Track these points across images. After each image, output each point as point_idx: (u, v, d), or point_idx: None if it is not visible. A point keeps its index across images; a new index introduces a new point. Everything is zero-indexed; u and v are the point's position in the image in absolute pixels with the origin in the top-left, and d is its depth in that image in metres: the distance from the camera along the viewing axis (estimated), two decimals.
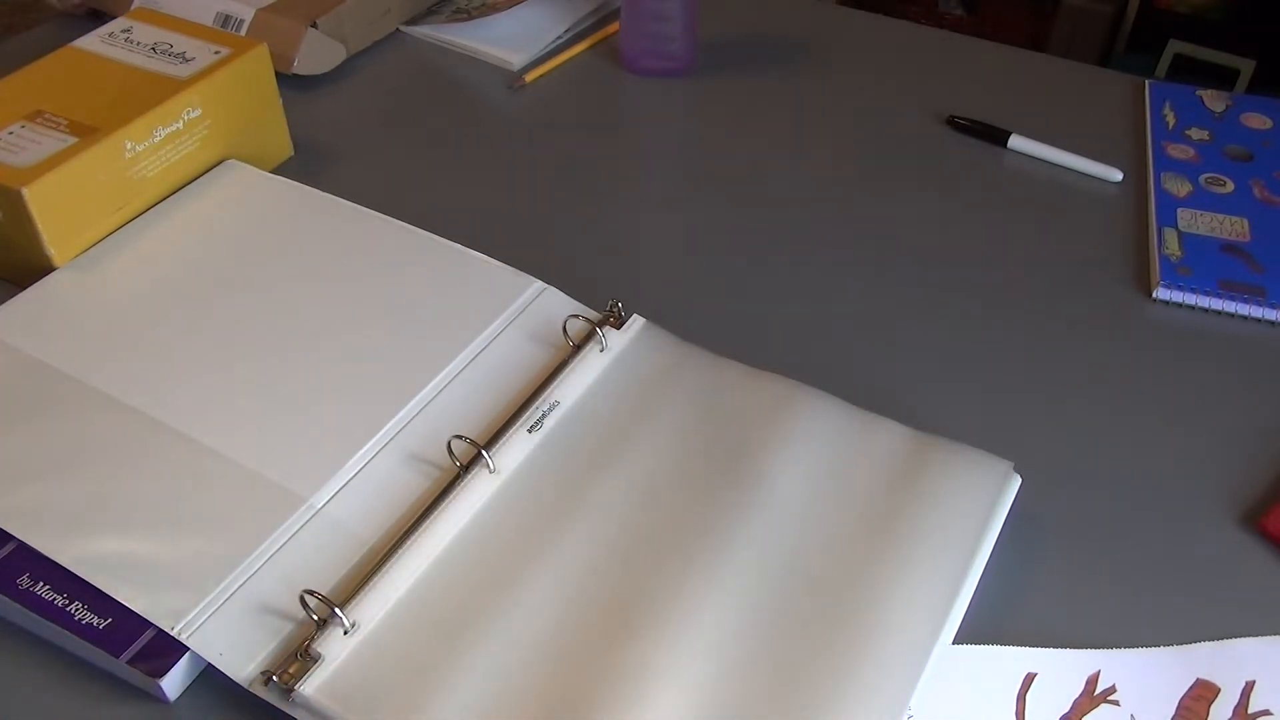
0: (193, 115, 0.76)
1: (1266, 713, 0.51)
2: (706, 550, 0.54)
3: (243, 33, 0.90)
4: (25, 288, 0.69)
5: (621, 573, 0.54)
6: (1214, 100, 0.92)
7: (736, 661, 0.51)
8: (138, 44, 0.79)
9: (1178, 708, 0.52)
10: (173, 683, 0.51)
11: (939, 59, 1.00)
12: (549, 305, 0.69)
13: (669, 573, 0.53)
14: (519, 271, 0.71)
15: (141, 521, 0.55)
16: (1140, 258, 0.78)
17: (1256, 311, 0.73)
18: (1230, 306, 0.73)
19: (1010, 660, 0.53)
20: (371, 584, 0.53)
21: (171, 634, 0.51)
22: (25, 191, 0.66)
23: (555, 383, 0.63)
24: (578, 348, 0.66)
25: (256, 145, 0.82)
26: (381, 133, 0.88)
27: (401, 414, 0.61)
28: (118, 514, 0.55)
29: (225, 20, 0.91)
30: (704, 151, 0.88)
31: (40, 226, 0.68)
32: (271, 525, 0.55)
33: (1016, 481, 0.60)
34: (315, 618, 0.51)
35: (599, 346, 0.66)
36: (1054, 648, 0.54)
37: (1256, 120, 0.90)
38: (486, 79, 0.96)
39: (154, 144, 0.73)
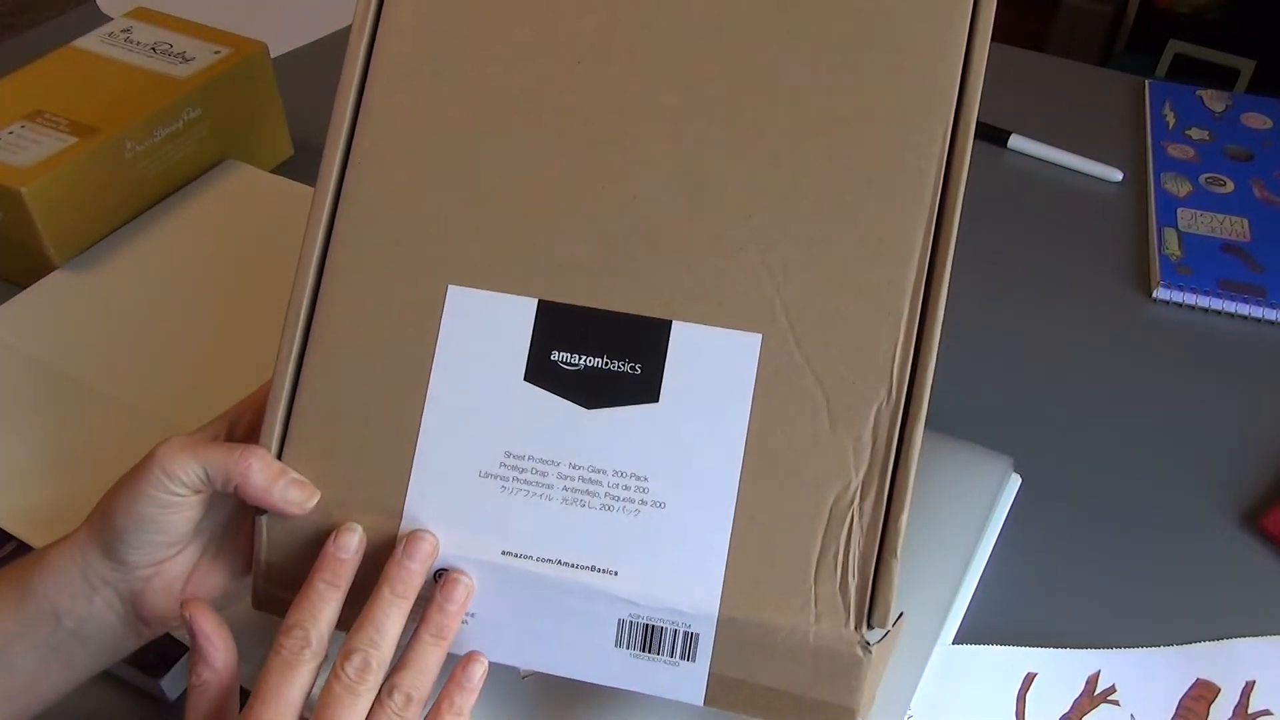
0: (193, 115, 0.75)
1: (1266, 713, 0.51)
2: None
3: None
4: (25, 288, 0.69)
5: None
6: (1214, 100, 0.92)
7: None
8: (138, 44, 0.79)
9: (1178, 708, 0.52)
10: (173, 683, 0.51)
11: None
12: None
13: None
14: None
15: None
16: (1140, 258, 0.78)
17: (1256, 311, 0.73)
18: (1230, 306, 0.73)
19: (1010, 660, 0.53)
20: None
21: (171, 634, 0.51)
22: (25, 191, 0.66)
23: None
24: None
25: (256, 145, 0.82)
26: None
27: None
28: None
29: None
30: None
31: (40, 226, 0.68)
32: None
33: (1016, 480, 0.60)
34: None
35: None
36: (1054, 648, 0.54)
37: (1256, 120, 0.90)
38: None
39: (154, 144, 0.73)
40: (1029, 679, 0.53)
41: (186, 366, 0.64)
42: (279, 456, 0.43)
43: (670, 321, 0.42)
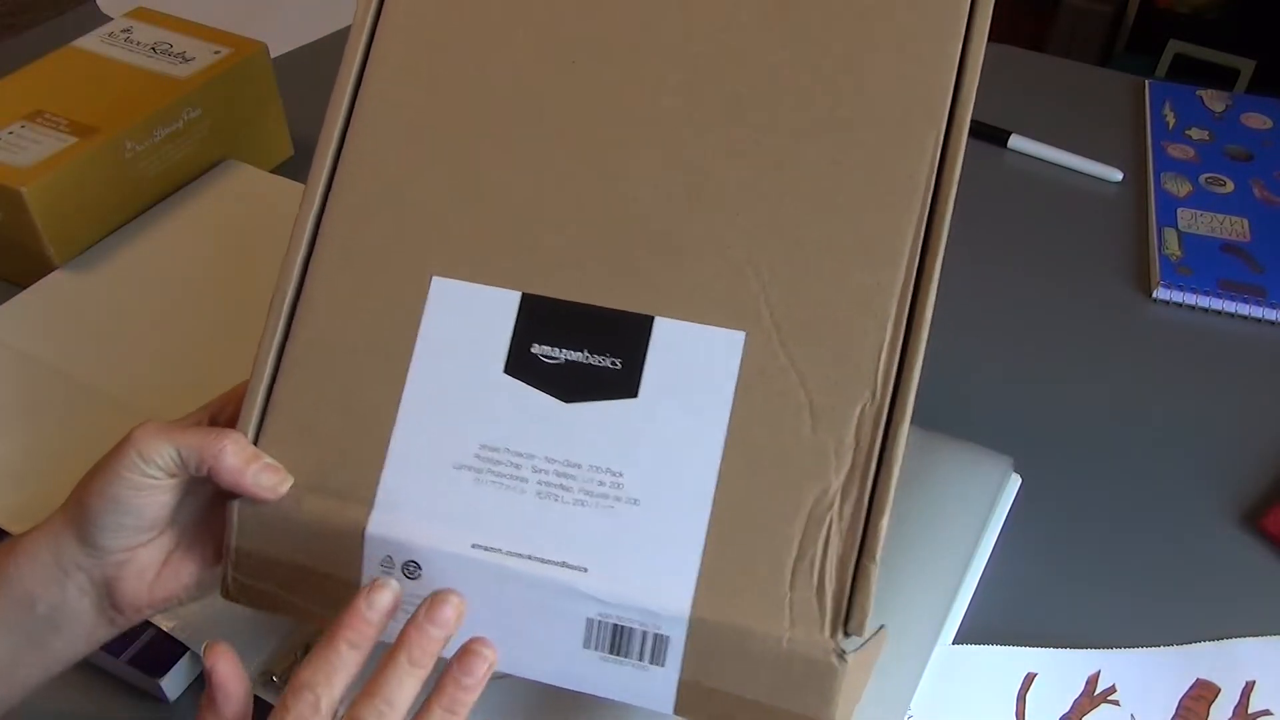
0: (193, 115, 0.76)
1: (1266, 713, 0.51)
2: None
3: None
4: (25, 288, 0.69)
5: None
6: (1214, 100, 0.92)
7: None
8: (138, 44, 0.79)
9: (1178, 708, 0.52)
10: (173, 683, 0.51)
11: None
12: None
13: None
14: None
15: None
16: (1140, 258, 0.78)
17: (1256, 311, 0.73)
18: (1230, 306, 0.73)
19: (1010, 660, 0.53)
20: None
21: (171, 634, 0.51)
22: (25, 191, 0.66)
23: None
24: None
25: (256, 145, 0.82)
26: None
27: None
28: None
29: None
30: None
31: (40, 226, 0.68)
32: None
33: (1016, 480, 0.60)
34: None
35: None
36: (1054, 648, 0.54)
37: (1256, 120, 0.90)
38: None
39: (154, 144, 0.73)
40: (1029, 679, 0.53)
41: (186, 366, 0.64)
42: (255, 443, 0.43)
43: (653, 317, 0.42)
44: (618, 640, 0.40)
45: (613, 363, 0.42)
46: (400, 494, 0.42)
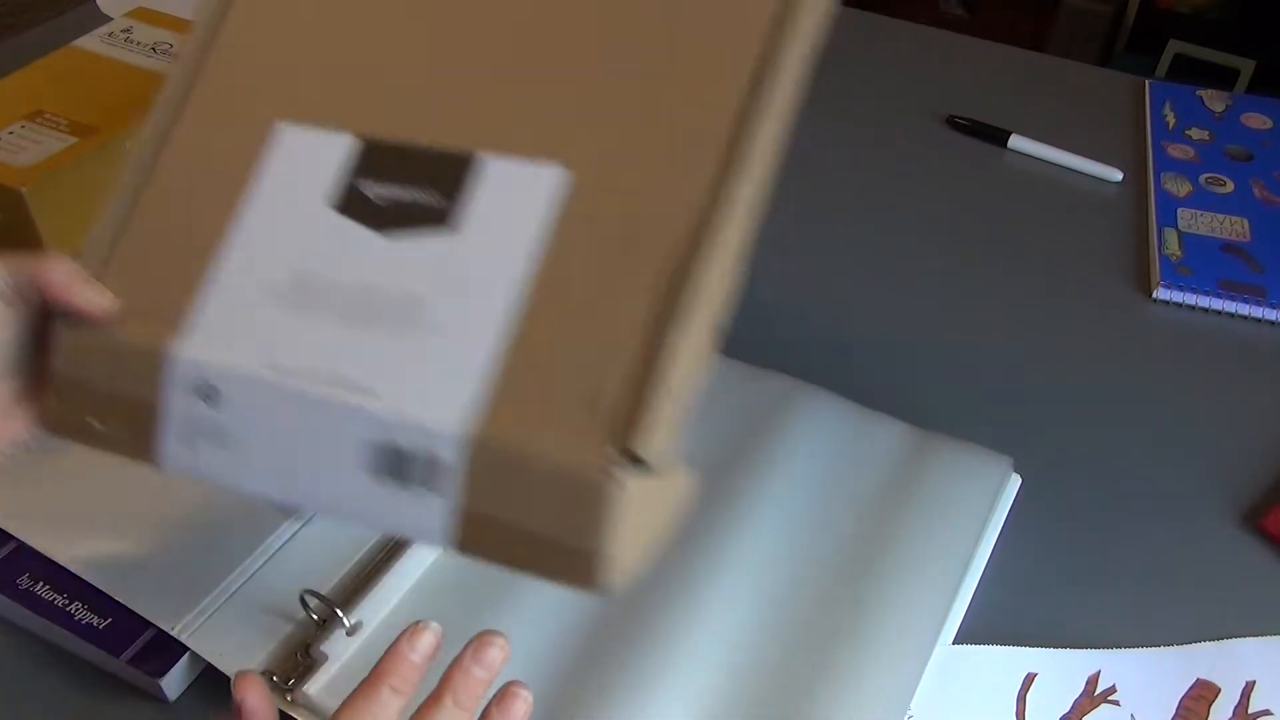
0: None
1: (1266, 713, 0.51)
2: (705, 551, 0.54)
3: None
4: None
5: None
6: (1214, 100, 0.92)
7: (737, 663, 0.51)
8: (138, 44, 0.79)
9: (1178, 708, 0.52)
10: (173, 683, 0.51)
11: (939, 59, 1.00)
12: None
13: (669, 574, 0.53)
14: None
15: (141, 522, 0.55)
16: (1140, 258, 0.78)
17: (1256, 311, 0.73)
18: (1230, 306, 0.73)
19: (1010, 660, 0.53)
20: (373, 584, 0.53)
21: (171, 634, 0.51)
22: (25, 191, 0.66)
23: None
24: None
25: None
26: None
27: None
28: (117, 514, 0.55)
29: None
30: None
31: (40, 226, 0.68)
32: (271, 525, 0.55)
33: (1016, 480, 0.60)
34: (316, 618, 0.51)
35: None
36: (1054, 648, 0.54)
37: (1256, 120, 0.90)
38: None
39: None
40: (1029, 679, 0.53)
41: None
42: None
43: (474, 153, 0.43)
44: (397, 465, 0.39)
45: (437, 199, 0.43)
46: (210, 319, 0.43)
